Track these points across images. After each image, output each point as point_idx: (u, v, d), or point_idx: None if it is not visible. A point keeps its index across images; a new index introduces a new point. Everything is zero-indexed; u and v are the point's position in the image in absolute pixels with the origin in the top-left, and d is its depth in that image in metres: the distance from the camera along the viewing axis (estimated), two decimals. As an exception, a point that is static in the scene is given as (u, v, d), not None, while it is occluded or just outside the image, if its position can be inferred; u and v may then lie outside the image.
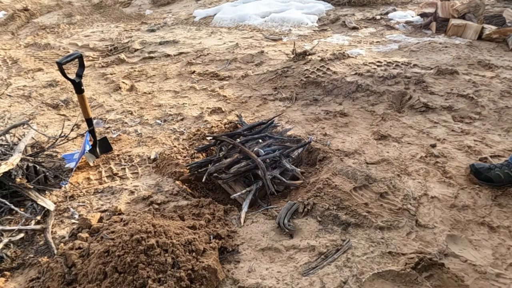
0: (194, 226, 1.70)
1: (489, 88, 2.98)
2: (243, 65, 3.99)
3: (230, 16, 6.06)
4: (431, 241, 1.65)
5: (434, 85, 3.07)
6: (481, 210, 1.84)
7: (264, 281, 1.48)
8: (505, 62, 3.45)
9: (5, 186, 2.00)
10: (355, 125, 2.71)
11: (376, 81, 3.18)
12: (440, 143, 2.41)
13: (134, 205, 2.02)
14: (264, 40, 4.85)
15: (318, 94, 3.21)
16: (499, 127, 2.57)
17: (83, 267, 1.49)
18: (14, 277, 1.61)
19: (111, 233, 1.62)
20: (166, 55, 4.48)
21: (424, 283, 1.44)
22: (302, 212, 1.84)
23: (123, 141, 2.68)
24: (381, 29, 4.97)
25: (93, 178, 2.29)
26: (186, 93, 3.47)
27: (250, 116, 2.93)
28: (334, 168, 2.12)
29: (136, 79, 3.85)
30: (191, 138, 2.67)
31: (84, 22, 6.67)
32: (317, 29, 5.30)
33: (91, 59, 4.53)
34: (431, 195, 1.93)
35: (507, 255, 1.59)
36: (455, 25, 4.31)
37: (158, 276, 1.40)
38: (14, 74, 4.07)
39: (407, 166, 2.17)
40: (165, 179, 2.22)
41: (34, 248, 1.76)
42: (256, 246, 1.67)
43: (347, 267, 1.53)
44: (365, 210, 1.82)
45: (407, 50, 3.94)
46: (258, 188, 2.03)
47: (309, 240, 1.67)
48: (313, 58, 3.71)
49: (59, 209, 2.01)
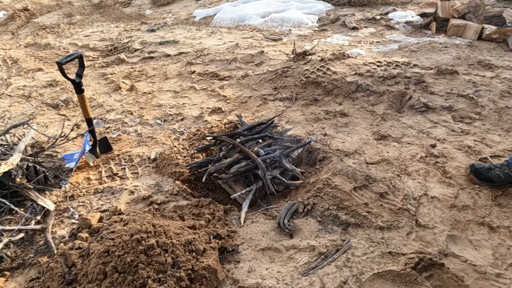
0: (194, 226, 1.70)
1: (489, 88, 2.98)
2: (243, 65, 3.99)
3: (230, 16, 6.06)
4: (431, 241, 1.65)
5: (434, 85, 3.07)
6: (481, 210, 1.84)
7: (264, 281, 1.48)
8: (505, 62, 3.45)
9: (5, 186, 2.00)
10: (355, 125, 2.71)
11: (376, 81, 3.18)
12: (440, 143, 2.41)
13: (134, 205, 2.02)
14: (264, 40, 4.85)
15: (318, 94, 3.21)
16: (499, 127, 2.57)
17: (83, 267, 1.49)
18: (14, 277, 1.61)
19: (111, 233, 1.62)
20: (166, 55, 4.48)
21: (424, 283, 1.44)
22: (302, 212, 1.84)
23: (123, 141, 2.68)
24: (381, 29, 4.97)
25: (93, 178, 2.29)
26: (186, 93, 3.47)
27: (250, 116, 2.93)
28: (334, 168, 2.12)
29: (136, 79, 3.85)
30: (191, 138, 2.67)
31: (84, 22, 6.68)
32: (317, 29, 5.30)
33: (91, 59, 4.53)
34: (431, 195, 1.93)
35: (507, 255, 1.59)
36: (455, 25, 4.31)
37: (158, 276, 1.40)
38: (14, 74, 4.07)
39: (407, 166, 2.17)
40: (165, 179, 2.22)
41: (34, 248, 1.76)
42: (256, 246, 1.67)
43: (347, 267, 1.53)
44: (365, 210, 1.82)
45: (407, 50, 3.94)
46: (258, 188, 2.03)
47: (309, 240, 1.67)
48: (313, 58, 3.71)
49: (59, 209, 2.01)
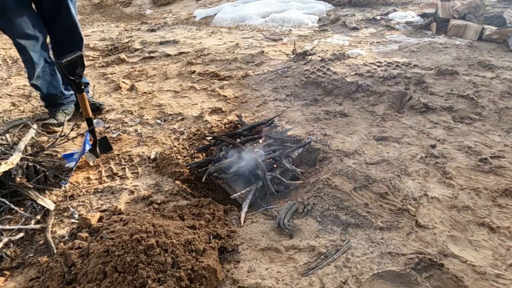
0: (194, 226, 1.70)
1: (489, 88, 2.98)
2: (243, 65, 3.99)
3: (230, 16, 6.06)
4: (431, 242, 1.65)
5: (434, 86, 3.07)
6: (481, 210, 1.84)
7: (264, 281, 1.48)
8: (505, 63, 3.45)
9: (5, 185, 2.00)
10: (355, 125, 2.71)
11: (376, 81, 3.18)
12: (440, 144, 2.41)
13: (134, 204, 2.02)
14: (264, 40, 4.85)
15: (318, 94, 3.21)
16: (499, 127, 2.57)
17: (82, 267, 1.49)
18: (14, 276, 1.61)
19: (111, 233, 1.62)
20: (166, 55, 4.48)
21: (424, 283, 1.44)
22: (302, 212, 1.84)
23: (123, 141, 2.68)
24: (382, 30, 4.97)
25: (93, 177, 2.29)
26: (186, 93, 3.47)
27: (250, 116, 2.93)
28: (334, 168, 2.12)
29: (136, 79, 3.85)
30: (191, 138, 2.67)
31: (85, 22, 6.68)
32: (317, 29, 5.30)
33: (92, 59, 4.53)
34: (431, 195, 1.93)
35: (507, 256, 1.59)
36: (456, 26, 4.31)
37: (158, 276, 1.40)
38: (14, 73, 4.07)
39: (407, 166, 2.17)
40: (165, 179, 2.22)
41: (34, 247, 1.76)
42: (256, 246, 1.67)
43: (346, 268, 1.53)
44: (365, 210, 1.82)
45: (407, 50, 3.94)
46: (258, 188, 2.03)
47: (309, 240, 1.67)
48: (313, 58, 3.72)
49: (59, 208, 2.01)
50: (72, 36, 2.78)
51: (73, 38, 2.79)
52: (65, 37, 2.78)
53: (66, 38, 2.78)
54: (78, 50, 2.26)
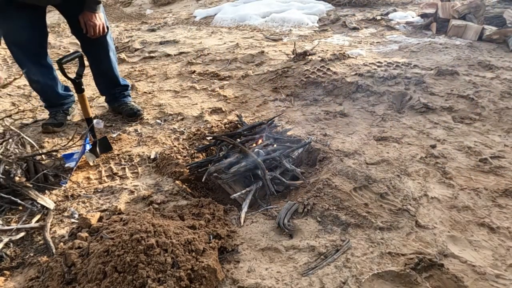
0: (194, 226, 1.70)
1: (489, 89, 2.98)
2: (243, 65, 3.99)
3: (230, 16, 6.06)
4: (430, 242, 1.65)
5: (434, 86, 3.07)
6: (481, 211, 1.84)
7: (264, 281, 1.48)
8: (505, 63, 3.45)
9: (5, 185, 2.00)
10: (355, 125, 2.71)
11: (376, 81, 3.18)
12: (440, 144, 2.41)
13: (134, 204, 2.02)
14: (264, 40, 4.85)
15: (318, 94, 3.21)
16: (499, 128, 2.57)
17: (82, 267, 1.49)
18: (14, 276, 1.61)
19: (111, 233, 1.62)
20: (167, 54, 4.48)
21: (424, 283, 1.44)
22: (302, 212, 1.84)
23: (123, 141, 2.68)
24: (382, 30, 4.97)
25: (93, 177, 2.29)
26: (186, 93, 3.47)
27: (250, 116, 2.93)
28: (334, 168, 2.12)
29: (136, 79, 3.85)
30: (191, 138, 2.67)
31: (85, 22, 6.66)
32: (317, 29, 5.30)
33: (92, 59, 4.52)
34: (431, 195, 1.93)
35: (506, 256, 1.59)
36: (456, 26, 4.31)
37: (157, 275, 1.39)
38: (15, 73, 4.07)
39: (407, 166, 2.17)
40: (165, 179, 2.21)
41: (33, 247, 1.76)
42: (256, 246, 1.67)
43: (346, 268, 1.53)
44: (365, 210, 1.82)
45: (407, 50, 3.94)
46: (258, 188, 2.03)
47: (309, 240, 1.67)
48: (314, 59, 3.71)
49: (59, 208, 2.01)
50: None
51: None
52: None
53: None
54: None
